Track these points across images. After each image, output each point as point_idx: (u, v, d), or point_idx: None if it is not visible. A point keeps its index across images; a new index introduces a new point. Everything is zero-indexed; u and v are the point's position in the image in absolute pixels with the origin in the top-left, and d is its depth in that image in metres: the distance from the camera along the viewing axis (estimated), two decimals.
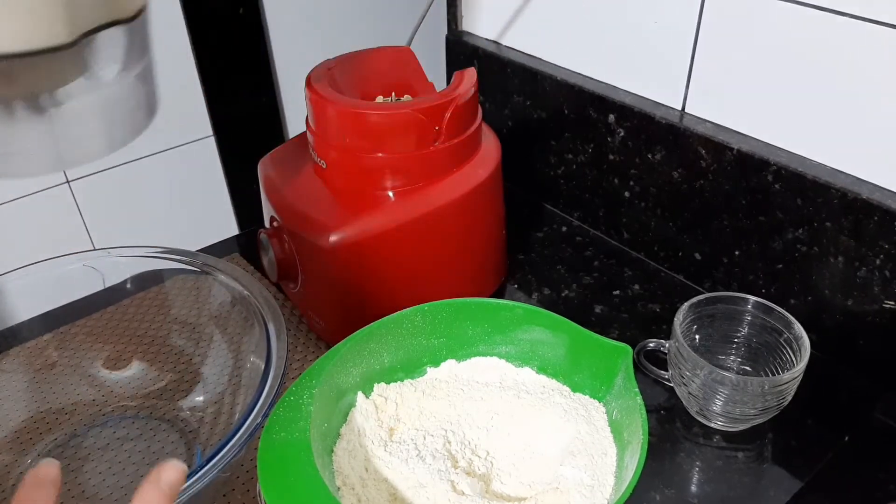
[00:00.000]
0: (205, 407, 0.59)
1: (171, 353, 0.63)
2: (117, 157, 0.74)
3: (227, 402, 0.58)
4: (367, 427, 0.49)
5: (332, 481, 0.46)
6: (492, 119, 0.85)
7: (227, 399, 0.58)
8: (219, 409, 0.58)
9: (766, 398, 0.52)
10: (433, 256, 0.63)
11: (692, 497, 0.53)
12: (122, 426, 0.59)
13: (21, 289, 0.58)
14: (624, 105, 0.70)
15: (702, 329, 0.59)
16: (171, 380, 0.61)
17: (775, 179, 0.60)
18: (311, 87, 0.59)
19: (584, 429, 0.49)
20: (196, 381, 0.61)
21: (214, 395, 0.59)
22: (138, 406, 0.60)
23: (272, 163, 0.66)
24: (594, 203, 0.79)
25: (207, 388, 0.60)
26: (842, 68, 0.55)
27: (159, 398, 0.60)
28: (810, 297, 0.62)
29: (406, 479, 0.46)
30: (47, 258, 0.59)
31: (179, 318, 0.63)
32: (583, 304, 0.71)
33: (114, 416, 0.59)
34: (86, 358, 0.62)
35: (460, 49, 0.87)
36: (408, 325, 0.54)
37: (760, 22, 0.59)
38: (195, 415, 0.59)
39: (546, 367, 0.55)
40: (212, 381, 0.61)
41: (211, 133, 0.79)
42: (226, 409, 0.57)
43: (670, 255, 0.73)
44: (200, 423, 0.58)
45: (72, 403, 0.60)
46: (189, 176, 0.80)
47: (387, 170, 0.59)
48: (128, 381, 0.61)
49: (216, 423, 0.57)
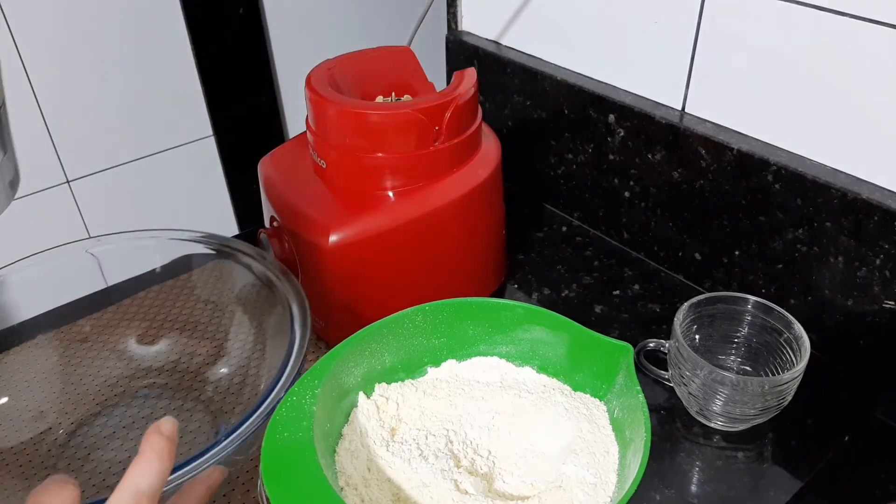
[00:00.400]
0: (229, 385, 0.60)
1: (198, 333, 0.64)
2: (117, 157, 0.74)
3: (250, 380, 0.59)
4: (369, 427, 0.49)
5: (336, 482, 0.46)
6: (492, 119, 0.85)
7: (250, 376, 0.59)
8: (243, 385, 0.59)
9: (766, 398, 0.52)
10: (433, 256, 0.63)
11: (692, 497, 0.53)
12: (147, 404, 0.60)
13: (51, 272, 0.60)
14: (624, 105, 0.70)
15: (702, 329, 0.59)
16: (196, 359, 0.63)
17: (775, 179, 0.60)
18: (311, 87, 0.59)
19: (586, 427, 0.49)
20: (221, 359, 0.62)
21: (239, 372, 0.61)
22: (165, 384, 0.61)
23: (272, 163, 0.66)
24: (594, 203, 0.79)
25: (232, 365, 0.62)
26: (842, 68, 0.55)
27: (185, 377, 0.62)
28: (810, 297, 0.62)
29: (409, 479, 0.46)
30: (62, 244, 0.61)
31: (204, 299, 0.65)
32: (583, 304, 0.71)
33: (139, 395, 0.61)
34: (114, 335, 0.64)
35: (460, 49, 0.87)
36: (408, 326, 0.54)
37: (760, 22, 0.59)
38: (220, 393, 0.60)
39: (547, 367, 0.55)
40: (236, 358, 0.62)
41: (211, 133, 0.79)
42: (249, 384, 0.59)
43: (670, 255, 0.73)
44: (225, 401, 0.59)
45: (102, 378, 0.61)
46: (189, 176, 0.80)
47: (387, 170, 0.59)
48: (155, 357, 0.63)
49: (240, 401, 0.58)
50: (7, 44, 0.64)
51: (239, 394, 0.59)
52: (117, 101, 0.72)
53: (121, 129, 0.73)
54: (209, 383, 0.61)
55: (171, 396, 0.60)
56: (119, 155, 0.74)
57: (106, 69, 0.70)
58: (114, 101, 0.71)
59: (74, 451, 0.56)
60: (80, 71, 0.68)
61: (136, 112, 0.73)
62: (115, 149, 0.74)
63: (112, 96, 0.71)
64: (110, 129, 0.72)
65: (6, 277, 0.58)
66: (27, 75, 0.66)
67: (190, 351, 0.63)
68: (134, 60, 0.71)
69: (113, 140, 0.73)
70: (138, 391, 0.61)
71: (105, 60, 0.69)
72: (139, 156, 0.76)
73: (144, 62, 0.72)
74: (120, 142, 0.74)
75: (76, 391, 0.60)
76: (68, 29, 0.66)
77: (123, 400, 0.60)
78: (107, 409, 0.59)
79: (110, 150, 0.74)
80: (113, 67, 0.70)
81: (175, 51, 0.73)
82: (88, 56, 0.68)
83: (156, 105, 0.74)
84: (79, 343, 0.62)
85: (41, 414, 0.58)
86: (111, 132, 0.73)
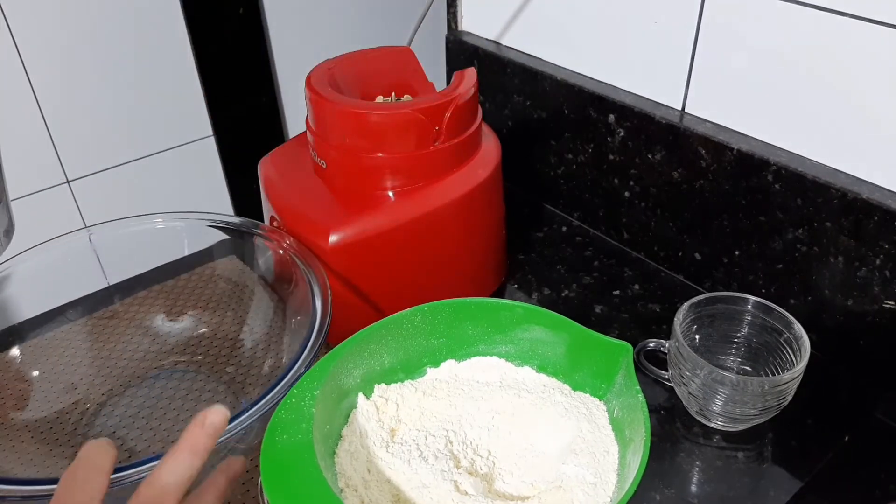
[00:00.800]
0: (251, 362, 0.62)
1: (220, 312, 0.66)
2: (117, 157, 0.74)
3: (271, 357, 0.60)
4: (368, 428, 0.49)
5: (335, 483, 0.46)
6: (492, 119, 0.85)
7: (271, 353, 0.61)
8: (263, 363, 0.61)
9: (766, 398, 0.52)
10: (433, 256, 0.63)
11: (692, 497, 0.53)
12: (173, 378, 0.62)
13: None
14: (624, 105, 0.70)
15: (702, 329, 0.59)
16: (219, 336, 0.65)
17: (775, 179, 0.60)
18: (311, 87, 0.59)
19: (586, 427, 0.49)
20: (243, 338, 0.64)
21: (260, 350, 0.62)
22: (188, 360, 0.63)
23: (272, 163, 0.66)
24: (594, 203, 0.79)
25: (254, 342, 0.63)
26: (842, 68, 0.55)
27: (208, 356, 0.63)
28: (810, 297, 0.62)
29: (409, 480, 0.46)
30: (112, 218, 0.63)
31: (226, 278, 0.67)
32: (583, 304, 0.71)
33: (165, 370, 0.62)
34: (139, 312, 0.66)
35: (460, 49, 0.87)
36: (407, 326, 0.54)
37: (760, 22, 0.59)
38: (242, 370, 0.61)
39: (546, 366, 0.55)
40: (258, 335, 0.63)
41: (211, 133, 0.79)
42: (270, 362, 0.60)
43: (670, 255, 0.73)
44: (246, 378, 0.61)
45: (130, 353, 0.63)
46: (189, 176, 0.80)
47: (387, 170, 0.59)
48: (180, 334, 0.65)
49: (260, 381, 0.60)
50: (7, 44, 0.64)
51: (259, 373, 0.60)
52: (117, 101, 0.72)
53: (121, 129, 0.73)
54: (231, 362, 0.62)
55: (196, 372, 0.62)
56: (119, 155, 0.74)
57: (106, 69, 0.70)
58: (114, 101, 0.71)
59: (106, 419, 0.58)
60: (80, 71, 0.68)
61: (135, 112, 0.73)
62: (115, 149, 0.74)
63: (112, 96, 0.71)
64: (110, 129, 0.72)
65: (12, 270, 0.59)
66: (27, 75, 0.66)
67: (212, 329, 0.65)
68: (134, 60, 0.71)
69: (113, 140, 0.73)
70: (164, 367, 0.63)
71: (105, 60, 0.69)
72: (139, 156, 0.76)
73: (144, 62, 0.72)
74: (120, 142, 0.74)
75: (105, 366, 0.62)
76: (68, 29, 0.66)
77: (150, 375, 0.62)
78: (134, 383, 0.61)
79: (110, 150, 0.74)
80: (113, 67, 0.70)
81: (175, 51, 0.73)
82: (88, 56, 0.68)
83: (156, 105, 0.74)
84: (107, 320, 0.65)
85: (72, 386, 0.60)
86: (111, 132, 0.73)
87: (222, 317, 0.65)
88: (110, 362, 0.62)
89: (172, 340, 0.64)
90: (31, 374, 0.59)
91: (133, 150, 0.75)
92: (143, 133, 0.75)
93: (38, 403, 0.58)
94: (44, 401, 0.58)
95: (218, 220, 0.64)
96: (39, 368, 0.60)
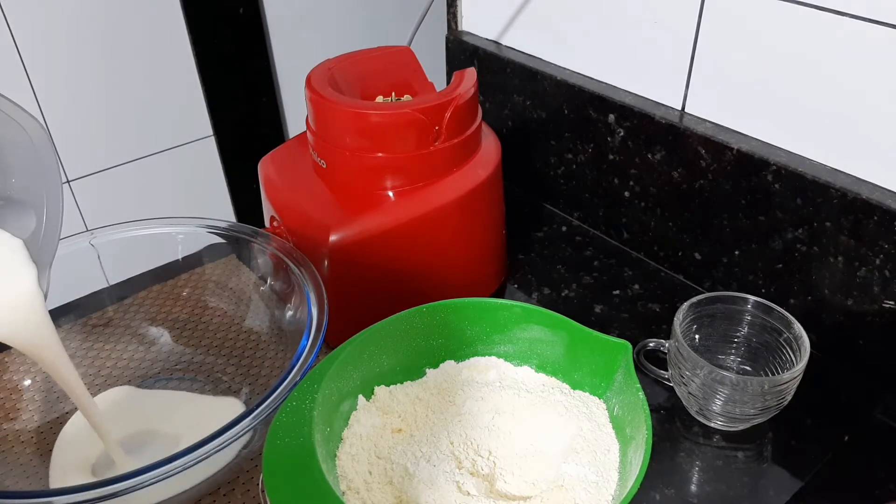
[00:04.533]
0: (249, 366, 0.62)
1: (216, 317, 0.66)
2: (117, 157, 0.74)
3: (269, 361, 0.60)
4: (369, 430, 0.49)
5: (337, 486, 0.46)
6: (492, 119, 0.85)
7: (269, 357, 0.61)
8: (261, 367, 0.61)
9: (765, 398, 0.52)
10: (433, 256, 0.63)
11: (692, 497, 0.53)
12: (169, 385, 0.61)
13: None
14: (624, 105, 0.70)
15: (702, 329, 0.59)
16: (217, 343, 0.64)
17: (775, 179, 0.60)
18: (311, 87, 0.59)
19: (586, 426, 0.49)
20: (241, 342, 0.64)
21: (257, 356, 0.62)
22: (185, 367, 0.63)
23: (272, 163, 0.66)
24: (594, 203, 0.79)
25: (252, 347, 0.63)
26: (842, 68, 0.55)
27: (206, 359, 0.63)
28: (810, 297, 0.62)
29: (411, 482, 0.46)
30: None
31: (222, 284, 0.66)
32: (583, 303, 0.71)
33: (161, 377, 0.62)
34: (134, 320, 0.65)
35: (460, 49, 0.87)
36: (406, 328, 0.54)
37: (760, 22, 0.59)
38: (240, 375, 0.61)
39: (545, 366, 0.55)
40: (256, 341, 0.63)
41: (211, 133, 0.79)
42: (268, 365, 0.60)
43: (670, 255, 0.73)
44: (245, 382, 0.61)
45: (125, 362, 0.63)
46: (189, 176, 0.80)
47: (387, 170, 0.59)
48: (176, 338, 0.64)
49: (259, 381, 0.60)
50: (7, 44, 0.64)
51: (257, 377, 0.60)
52: (117, 102, 0.72)
53: (121, 129, 0.73)
54: (229, 367, 0.62)
55: (192, 380, 0.62)
56: (119, 155, 0.75)
57: (106, 69, 0.70)
58: (114, 101, 0.71)
59: None
60: (80, 71, 0.68)
61: (136, 112, 0.73)
62: (115, 149, 0.74)
63: (112, 96, 0.71)
64: (110, 129, 0.72)
65: None
66: (27, 75, 0.66)
67: (209, 335, 0.65)
68: (134, 61, 0.71)
69: (113, 140, 0.73)
70: (160, 375, 0.62)
71: (105, 61, 0.69)
72: (139, 156, 0.76)
73: (145, 62, 0.72)
74: (120, 142, 0.74)
75: (100, 374, 0.61)
76: (68, 29, 0.66)
77: (145, 383, 0.61)
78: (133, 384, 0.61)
79: (110, 150, 0.74)
80: (113, 68, 0.70)
81: (175, 51, 0.73)
82: (88, 56, 0.68)
83: (156, 105, 0.74)
84: (101, 327, 0.64)
85: (65, 395, 0.59)
86: (111, 132, 0.73)
87: (219, 322, 0.65)
88: (105, 370, 0.61)
89: (168, 346, 0.64)
90: (23, 383, 0.59)
91: (133, 150, 0.75)
92: (143, 133, 0.75)
93: (29, 414, 0.57)
94: (36, 411, 0.58)
95: (214, 225, 0.63)
96: (31, 377, 0.59)
